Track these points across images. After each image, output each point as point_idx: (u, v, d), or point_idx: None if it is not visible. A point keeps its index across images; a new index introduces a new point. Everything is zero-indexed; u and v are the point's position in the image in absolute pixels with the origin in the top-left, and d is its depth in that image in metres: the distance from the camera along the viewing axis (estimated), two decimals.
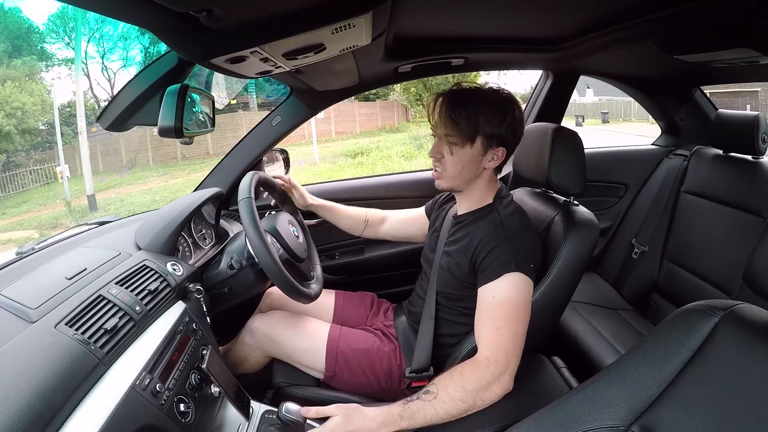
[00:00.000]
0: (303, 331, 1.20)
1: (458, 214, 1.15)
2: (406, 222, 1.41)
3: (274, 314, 1.25)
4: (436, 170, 1.09)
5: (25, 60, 14.43)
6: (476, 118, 0.99)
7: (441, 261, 1.12)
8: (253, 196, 1.06)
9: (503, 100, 1.02)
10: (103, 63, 16.95)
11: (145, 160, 13.16)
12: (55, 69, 15.96)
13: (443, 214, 1.23)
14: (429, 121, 1.07)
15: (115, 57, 17.55)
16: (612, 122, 17.88)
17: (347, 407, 0.90)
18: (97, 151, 12.25)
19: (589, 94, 20.60)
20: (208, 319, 1.05)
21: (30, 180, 11.60)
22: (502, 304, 0.95)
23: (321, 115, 14.31)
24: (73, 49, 15.23)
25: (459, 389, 0.89)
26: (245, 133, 1.58)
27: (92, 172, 10.18)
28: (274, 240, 1.16)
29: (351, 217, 1.43)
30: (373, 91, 15.74)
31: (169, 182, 10.58)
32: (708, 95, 1.97)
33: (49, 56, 15.57)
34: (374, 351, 1.17)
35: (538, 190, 1.31)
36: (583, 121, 16.94)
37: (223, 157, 1.56)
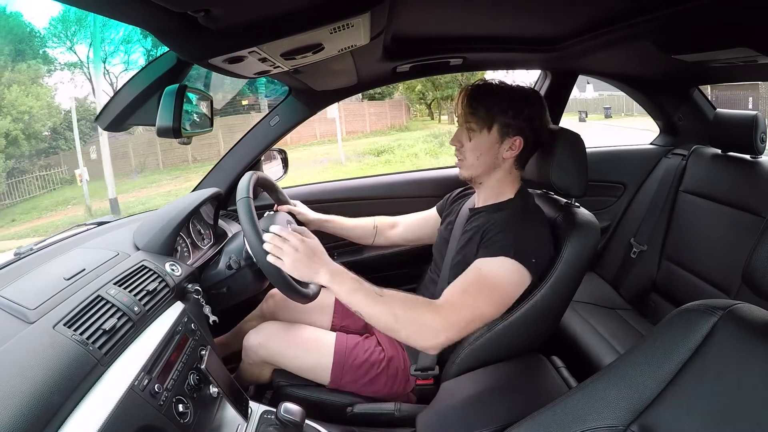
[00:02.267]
0: (307, 348, 1.18)
1: (476, 206, 1.16)
2: (419, 224, 1.41)
3: (268, 329, 1.21)
4: (457, 158, 1.13)
5: (31, 63, 14.24)
6: (493, 108, 1.05)
7: (454, 260, 1.12)
8: (251, 196, 1.06)
9: (521, 95, 1.07)
10: (104, 66, 16.80)
11: (154, 164, 13.01)
12: (62, 73, 15.75)
13: (458, 208, 1.24)
14: (455, 113, 1.13)
15: (117, 61, 17.40)
16: (614, 117, 17.82)
17: (321, 246, 1.00)
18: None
19: (589, 89, 20.59)
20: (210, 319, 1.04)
21: (36, 186, 11.42)
22: (483, 277, 0.96)
23: (331, 114, 14.41)
24: (75, 52, 15.18)
25: (403, 309, 0.92)
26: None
27: (99, 176, 10.09)
28: None
29: (359, 226, 1.43)
30: (378, 90, 15.75)
31: (184, 184, 10.54)
32: (709, 88, 1.97)
33: (51, 60, 15.40)
34: (380, 360, 1.16)
35: (539, 192, 1.31)
36: (586, 116, 16.95)
37: (222, 157, 1.56)
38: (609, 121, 16.67)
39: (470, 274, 0.98)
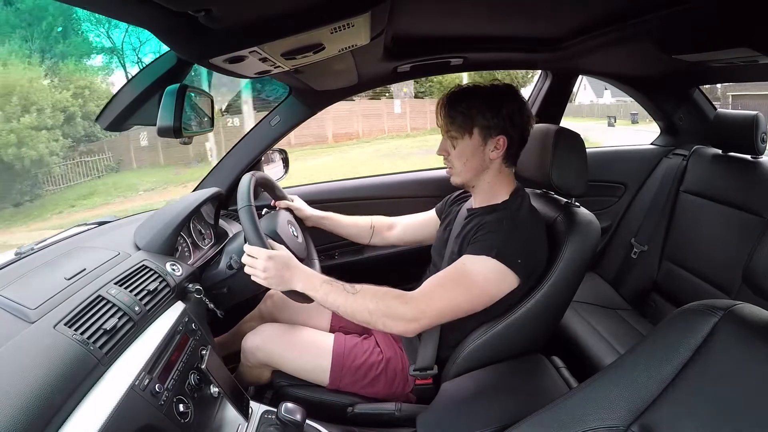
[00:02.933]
0: (306, 350, 1.18)
1: (473, 207, 1.16)
2: (418, 226, 1.41)
3: (266, 330, 1.21)
4: (446, 167, 1.14)
5: (86, 37, 13.37)
6: (470, 112, 1.05)
7: (450, 261, 1.11)
8: (253, 203, 1.05)
9: (497, 93, 1.06)
10: (137, 56, 16.13)
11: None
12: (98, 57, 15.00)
13: (456, 210, 1.24)
14: (437, 123, 1.12)
15: (148, 50, 16.85)
16: (640, 123, 17.68)
17: (290, 255, 1.03)
18: (157, 143, 11.25)
19: (606, 95, 20.60)
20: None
21: (78, 173, 10.46)
22: (463, 272, 0.99)
23: (398, 109, 14.05)
24: (110, 38, 14.82)
25: (375, 302, 0.97)
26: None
27: (152, 165, 9.54)
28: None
29: (355, 225, 1.42)
30: (422, 87, 15.51)
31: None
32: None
33: (90, 42, 14.66)
34: (378, 362, 1.16)
35: (539, 192, 1.31)
36: (615, 121, 17.02)
37: (222, 157, 1.56)
38: (637, 127, 16.46)
39: (451, 269, 1.01)
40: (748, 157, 1.57)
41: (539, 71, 1.94)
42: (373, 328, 1.00)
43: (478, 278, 0.98)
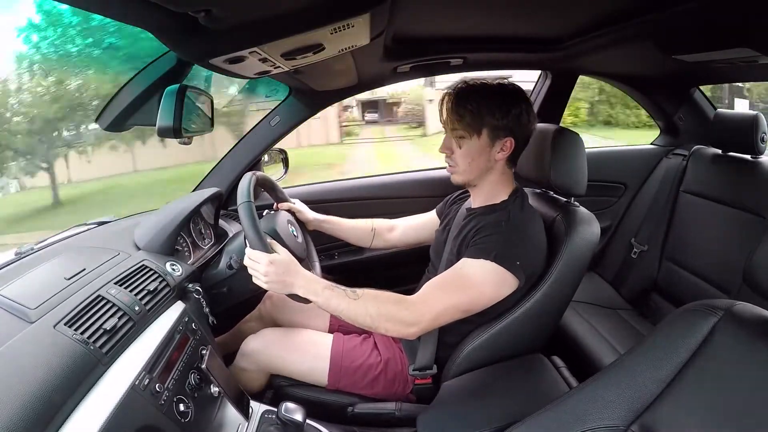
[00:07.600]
0: (305, 352, 1.18)
1: (472, 206, 1.15)
2: (419, 227, 1.41)
3: (268, 335, 1.21)
4: (449, 165, 1.12)
5: None
6: (480, 111, 1.02)
7: (448, 261, 1.12)
8: (252, 199, 1.05)
9: (507, 93, 1.05)
10: None
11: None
12: None
13: (456, 209, 1.24)
14: (440, 119, 1.10)
15: None
16: None
17: (291, 259, 1.01)
18: None
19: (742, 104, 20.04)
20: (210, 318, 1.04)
21: None
22: (461, 275, 0.98)
23: None
24: None
25: (376, 307, 0.96)
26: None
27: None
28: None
29: (357, 228, 1.42)
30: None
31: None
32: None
33: None
34: (377, 364, 1.16)
35: (538, 191, 1.31)
36: None
37: (222, 157, 1.56)
38: None
39: (449, 272, 1.01)
40: (748, 157, 1.57)
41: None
42: (375, 332, 1.00)
43: (476, 281, 0.97)
